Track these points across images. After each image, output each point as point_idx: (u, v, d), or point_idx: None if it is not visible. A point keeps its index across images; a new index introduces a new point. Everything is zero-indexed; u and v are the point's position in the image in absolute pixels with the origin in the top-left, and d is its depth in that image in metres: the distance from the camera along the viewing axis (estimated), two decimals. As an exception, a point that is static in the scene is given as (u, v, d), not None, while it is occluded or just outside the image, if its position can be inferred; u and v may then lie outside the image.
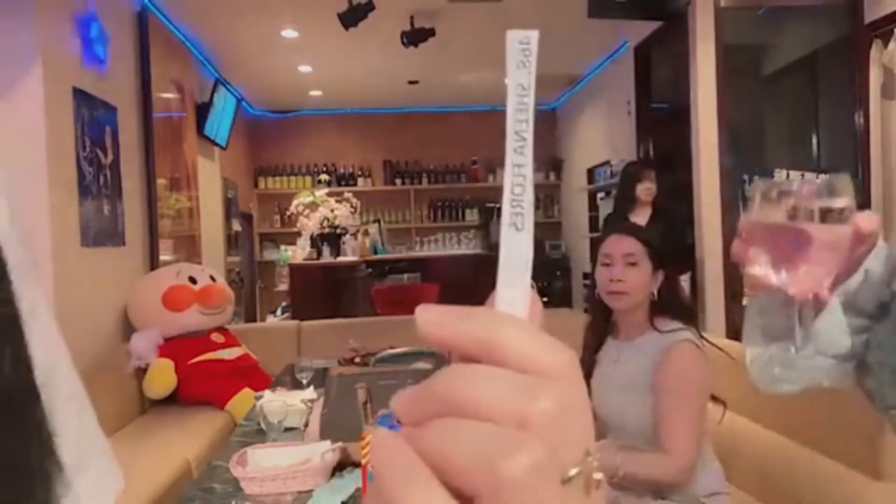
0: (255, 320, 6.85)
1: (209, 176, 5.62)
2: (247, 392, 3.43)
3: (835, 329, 0.76)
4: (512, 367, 0.23)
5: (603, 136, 6.31)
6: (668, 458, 1.60)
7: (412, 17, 4.72)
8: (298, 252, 5.69)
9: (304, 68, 6.13)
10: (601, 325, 1.87)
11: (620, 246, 1.75)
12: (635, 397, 1.69)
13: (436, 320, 0.24)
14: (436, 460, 0.22)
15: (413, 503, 0.21)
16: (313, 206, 5.46)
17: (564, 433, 0.23)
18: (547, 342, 0.24)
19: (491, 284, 0.28)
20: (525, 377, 0.23)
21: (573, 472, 0.22)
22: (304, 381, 2.55)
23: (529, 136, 0.28)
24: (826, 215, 0.69)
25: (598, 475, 0.23)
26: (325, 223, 5.36)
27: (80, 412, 0.48)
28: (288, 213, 5.92)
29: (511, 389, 0.22)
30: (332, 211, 5.38)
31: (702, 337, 1.75)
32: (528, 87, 0.28)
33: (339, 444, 1.70)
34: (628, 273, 1.73)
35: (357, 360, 2.89)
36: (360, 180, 7.86)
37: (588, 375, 1.87)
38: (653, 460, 1.62)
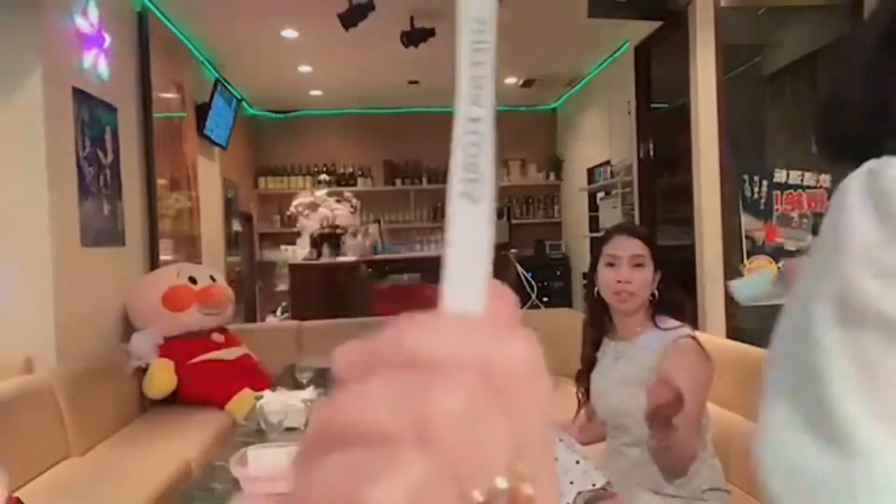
0: (255, 320, 6.85)
1: (209, 176, 5.62)
2: (247, 392, 3.43)
3: None
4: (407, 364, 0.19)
5: (603, 136, 6.31)
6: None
7: (412, 17, 4.72)
8: (298, 252, 5.69)
9: (304, 68, 6.13)
10: (598, 324, 1.87)
11: (628, 248, 1.75)
12: (638, 395, 1.69)
13: (350, 360, 0.21)
14: None
15: None
16: (313, 206, 5.45)
17: (474, 433, 0.18)
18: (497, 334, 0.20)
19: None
20: (421, 373, 0.19)
21: (502, 484, 0.18)
22: (304, 381, 2.55)
23: (489, 84, 0.22)
24: None
25: (528, 490, 0.19)
26: (325, 223, 5.36)
27: None
28: (288, 213, 5.92)
29: (402, 395, 0.18)
30: (332, 211, 5.38)
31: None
32: (486, 20, 0.22)
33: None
34: (635, 274, 1.73)
35: (357, 360, 2.88)
36: (360, 180, 7.86)
37: (587, 373, 1.88)
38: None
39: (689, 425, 1.60)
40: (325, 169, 7.72)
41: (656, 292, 1.77)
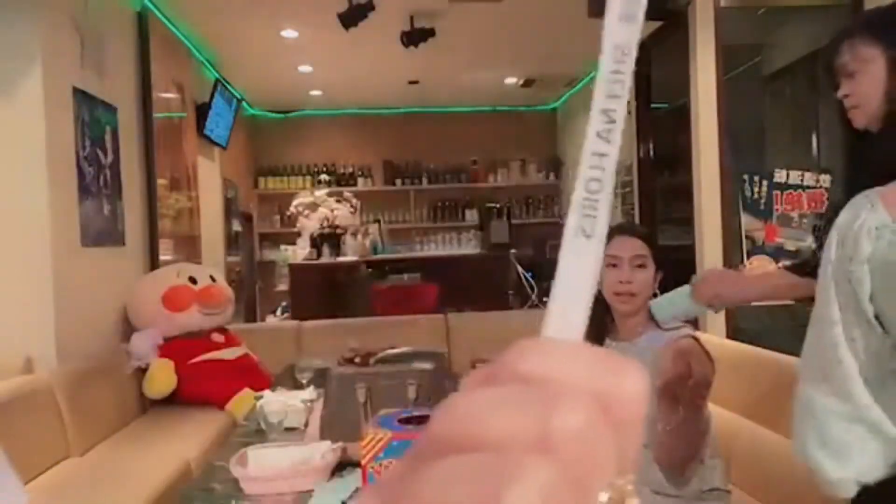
0: (255, 320, 6.85)
1: (209, 176, 5.62)
2: (247, 392, 3.43)
3: None
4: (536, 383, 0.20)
5: (603, 136, 6.30)
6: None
7: (412, 17, 4.72)
8: (298, 252, 5.69)
9: (304, 68, 6.13)
10: (598, 325, 1.87)
11: (629, 248, 1.75)
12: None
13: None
14: None
15: None
16: (313, 206, 5.46)
17: (591, 449, 0.19)
18: (610, 364, 0.21)
19: (491, 283, 0.23)
20: (542, 389, 0.19)
21: (603, 497, 0.20)
22: (304, 381, 2.55)
23: (620, 119, 0.21)
24: None
25: (634, 501, 0.21)
26: (325, 223, 5.36)
27: None
28: (288, 213, 5.92)
29: (522, 406, 0.19)
30: (332, 211, 5.38)
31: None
32: (629, 50, 0.21)
33: (339, 444, 1.70)
34: (637, 275, 1.73)
35: (357, 360, 2.89)
36: (360, 180, 7.86)
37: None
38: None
39: (691, 423, 1.60)
40: (325, 169, 7.72)
41: (657, 293, 1.78)
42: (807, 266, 1.55)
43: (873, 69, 1.49)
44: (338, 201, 5.50)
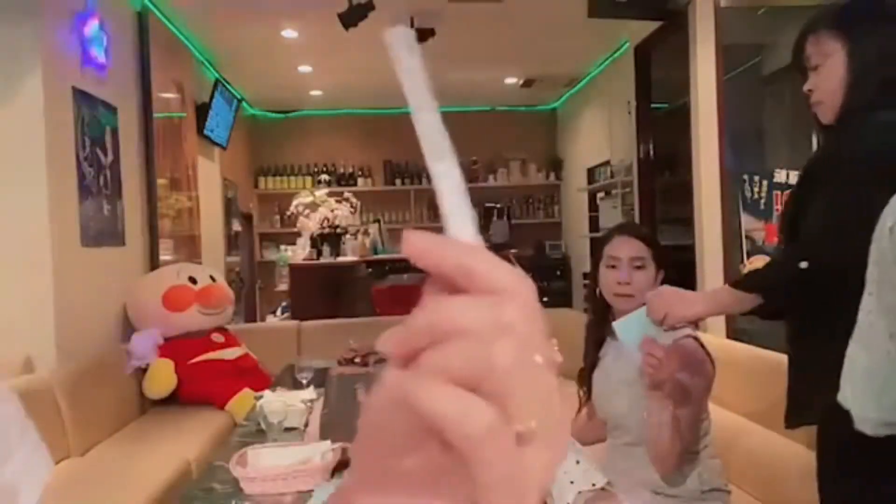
0: (255, 320, 6.85)
1: (209, 176, 5.63)
2: (247, 392, 3.43)
3: None
4: (483, 289, 0.26)
5: (603, 136, 6.31)
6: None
7: (412, 17, 4.72)
8: (298, 252, 5.68)
9: (304, 68, 6.13)
10: (601, 324, 1.87)
11: (628, 249, 1.75)
12: (639, 396, 1.69)
13: (425, 247, 0.28)
14: (439, 376, 0.25)
15: (445, 399, 0.25)
16: (313, 206, 5.45)
17: (533, 327, 0.26)
18: (506, 267, 0.28)
19: None
20: (492, 297, 0.26)
21: (539, 357, 0.26)
22: (304, 381, 2.55)
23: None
24: None
25: (559, 358, 0.27)
26: (325, 223, 5.36)
27: (2, 404, 0.48)
28: (288, 213, 5.91)
29: (484, 307, 0.26)
30: (332, 211, 5.38)
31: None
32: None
33: (339, 444, 1.70)
34: (635, 276, 1.73)
35: (357, 360, 2.89)
36: (360, 180, 7.86)
37: (590, 373, 1.87)
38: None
39: (685, 422, 1.60)
40: (325, 169, 7.72)
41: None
42: (749, 281, 1.56)
43: (834, 62, 1.48)
44: (338, 201, 5.50)
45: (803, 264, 1.37)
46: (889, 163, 1.34)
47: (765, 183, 3.65)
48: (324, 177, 7.28)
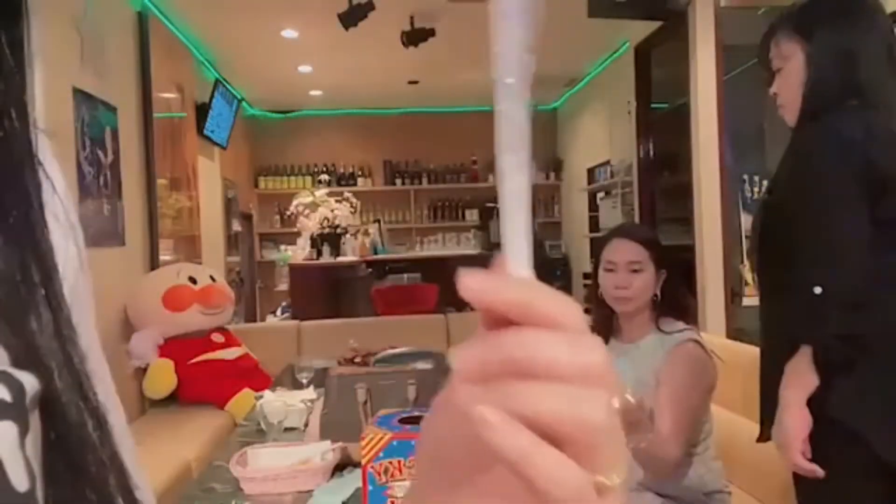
0: (255, 320, 6.85)
1: (209, 176, 5.63)
2: (247, 392, 3.43)
3: None
4: (549, 327, 0.26)
5: (603, 136, 6.31)
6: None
7: (412, 17, 4.72)
8: (298, 252, 5.69)
9: (304, 68, 6.13)
10: (604, 325, 1.87)
11: (625, 253, 1.74)
12: (641, 397, 1.69)
13: (479, 288, 0.27)
14: (526, 416, 0.25)
15: (521, 447, 0.24)
16: (313, 206, 5.45)
17: (612, 378, 0.26)
18: (567, 301, 0.27)
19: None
20: (572, 337, 0.26)
21: (616, 403, 0.26)
22: (304, 381, 2.55)
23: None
24: None
25: (631, 402, 0.30)
26: (325, 223, 5.36)
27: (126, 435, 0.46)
28: (288, 213, 5.92)
29: (570, 349, 0.26)
30: (332, 211, 5.38)
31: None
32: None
33: (339, 444, 1.70)
34: (633, 279, 1.73)
35: (357, 360, 2.89)
36: (360, 180, 7.86)
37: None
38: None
39: (673, 432, 1.59)
40: (325, 169, 7.73)
41: (658, 294, 1.76)
42: (790, 338, 1.48)
43: (794, 65, 1.47)
44: (338, 201, 5.50)
45: (817, 290, 1.32)
46: (854, 172, 1.33)
47: (765, 183, 3.65)
48: (324, 177, 7.28)
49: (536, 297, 0.27)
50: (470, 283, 0.27)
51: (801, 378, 1.34)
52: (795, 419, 1.34)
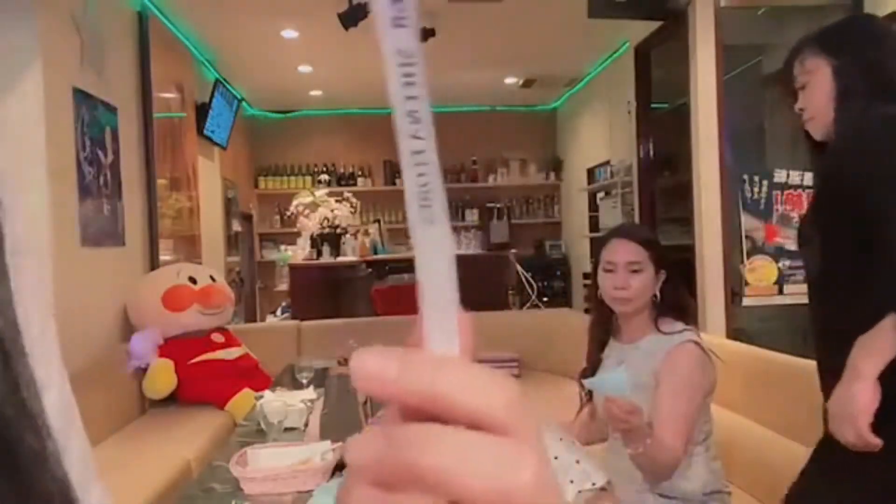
0: (255, 320, 6.85)
1: (209, 176, 5.63)
2: (247, 392, 3.43)
3: None
4: (463, 421, 0.21)
5: (603, 136, 6.31)
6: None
7: (412, 17, 4.71)
8: (298, 252, 5.69)
9: (304, 68, 6.13)
10: (604, 325, 1.87)
11: (624, 254, 1.74)
12: (641, 399, 1.69)
13: (372, 375, 0.22)
14: None
15: None
16: (313, 206, 5.45)
17: (544, 497, 0.21)
18: (490, 381, 0.22)
19: (491, 283, 0.26)
20: (497, 444, 0.21)
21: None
22: (304, 381, 2.55)
23: (426, 114, 0.23)
24: None
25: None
26: (325, 223, 5.36)
27: (81, 431, 0.45)
28: (288, 213, 5.92)
29: (487, 463, 0.21)
30: (332, 211, 5.38)
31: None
32: (412, 53, 0.22)
33: (339, 444, 1.70)
34: (632, 280, 1.72)
35: (357, 360, 2.88)
36: (360, 180, 7.86)
37: (592, 373, 1.87)
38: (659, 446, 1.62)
39: (672, 433, 1.59)
40: (325, 169, 7.72)
41: (658, 294, 1.76)
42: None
43: (820, 78, 1.51)
44: (338, 201, 5.50)
45: None
46: None
47: (765, 183, 3.65)
48: (324, 177, 7.28)
49: (451, 385, 0.21)
50: (363, 367, 0.22)
51: (880, 348, 1.29)
52: (868, 390, 1.28)
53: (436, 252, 0.24)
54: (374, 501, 0.21)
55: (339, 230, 5.42)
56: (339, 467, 1.67)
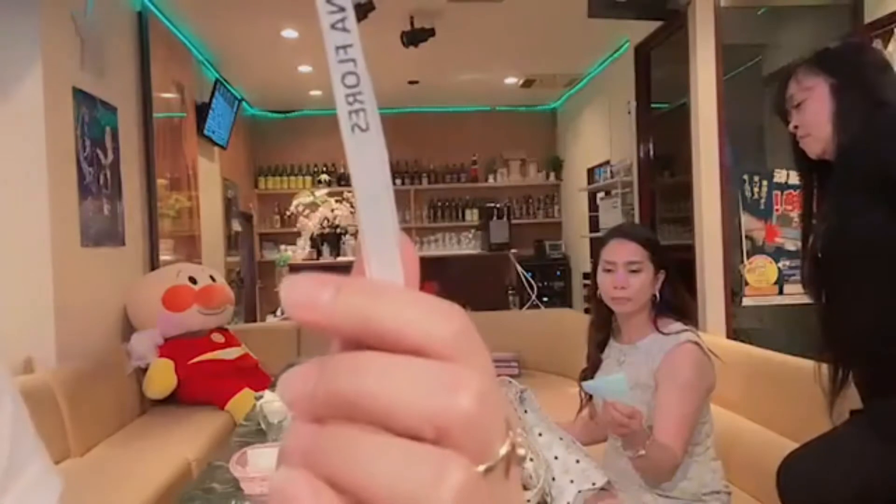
0: (255, 320, 6.85)
1: (209, 176, 5.62)
2: (247, 392, 3.43)
3: None
4: (402, 349, 0.20)
5: (603, 136, 6.31)
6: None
7: (412, 17, 4.72)
8: (298, 252, 5.69)
9: (304, 68, 6.13)
10: (604, 325, 1.87)
11: (623, 253, 1.74)
12: (640, 399, 1.69)
13: (305, 302, 0.21)
14: (348, 485, 0.19)
15: None
16: (313, 206, 5.45)
17: (487, 427, 0.20)
18: (433, 309, 0.21)
19: (491, 283, 0.25)
20: (433, 368, 0.20)
21: (491, 464, 0.20)
22: (304, 381, 2.54)
23: (349, 7, 0.21)
24: None
25: (521, 451, 0.21)
26: (325, 223, 5.36)
27: (14, 417, 0.45)
28: (288, 213, 5.92)
29: (424, 390, 0.19)
30: (332, 211, 5.38)
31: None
32: None
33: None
34: (631, 280, 1.72)
35: (357, 360, 2.88)
36: (360, 180, 7.85)
37: (592, 373, 1.87)
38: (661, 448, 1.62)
39: (672, 435, 1.59)
40: (325, 169, 7.72)
41: (657, 294, 1.76)
42: None
43: (816, 95, 1.52)
44: (338, 201, 5.50)
45: None
46: None
47: (765, 183, 3.64)
48: (324, 177, 7.27)
49: (389, 312, 0.20)
50: (294, 291, 0.21)
51: None
52: None
53: (372, 166, 0.21)
54: (308, 437, 0.20)
55: (339, 230, 5.42)
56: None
